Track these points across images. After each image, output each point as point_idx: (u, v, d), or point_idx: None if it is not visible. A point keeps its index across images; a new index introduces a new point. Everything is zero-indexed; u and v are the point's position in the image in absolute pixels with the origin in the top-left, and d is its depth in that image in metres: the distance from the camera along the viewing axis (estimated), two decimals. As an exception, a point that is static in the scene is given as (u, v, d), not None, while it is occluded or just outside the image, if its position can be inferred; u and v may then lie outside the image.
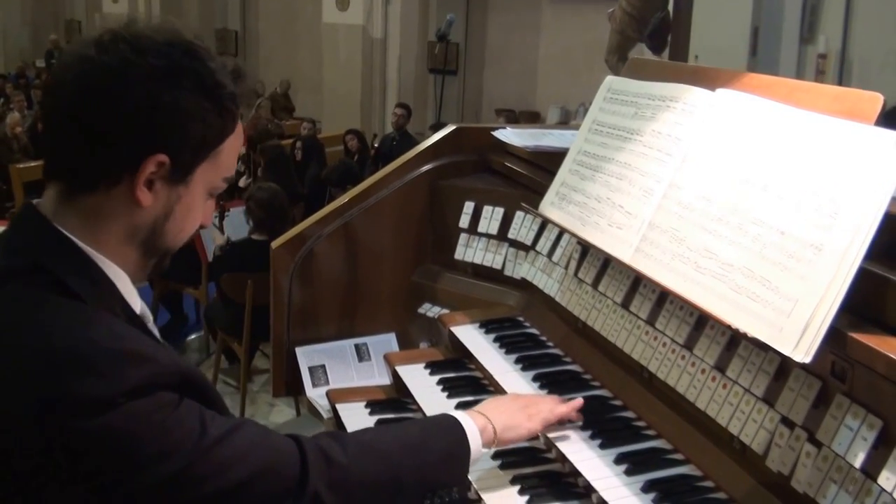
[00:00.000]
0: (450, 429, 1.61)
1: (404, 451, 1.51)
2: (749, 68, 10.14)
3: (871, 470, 1.31)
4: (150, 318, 1.48)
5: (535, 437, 1.77)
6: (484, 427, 1.64)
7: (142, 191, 1.31)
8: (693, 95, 1.84)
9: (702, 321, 1.69)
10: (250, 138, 11.71)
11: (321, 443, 1.42)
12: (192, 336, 6.86)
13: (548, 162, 2.38)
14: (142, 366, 1.23)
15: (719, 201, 1.64)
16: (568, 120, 13.23)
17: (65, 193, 1.33)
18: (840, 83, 9.86)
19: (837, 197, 1.41)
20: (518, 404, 1.75)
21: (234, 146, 1.41)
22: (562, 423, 1.78)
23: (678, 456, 1.70)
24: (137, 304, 1.42)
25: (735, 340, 1.60)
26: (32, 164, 10.22)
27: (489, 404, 1.73)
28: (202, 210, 1.43)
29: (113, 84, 1.28)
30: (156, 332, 1.49)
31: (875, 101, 1.42)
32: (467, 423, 1.62)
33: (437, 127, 10.85)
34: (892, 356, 1.26)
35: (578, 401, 1.80)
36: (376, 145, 11.33)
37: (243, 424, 1.37)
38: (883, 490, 1.27)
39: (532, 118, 14.63)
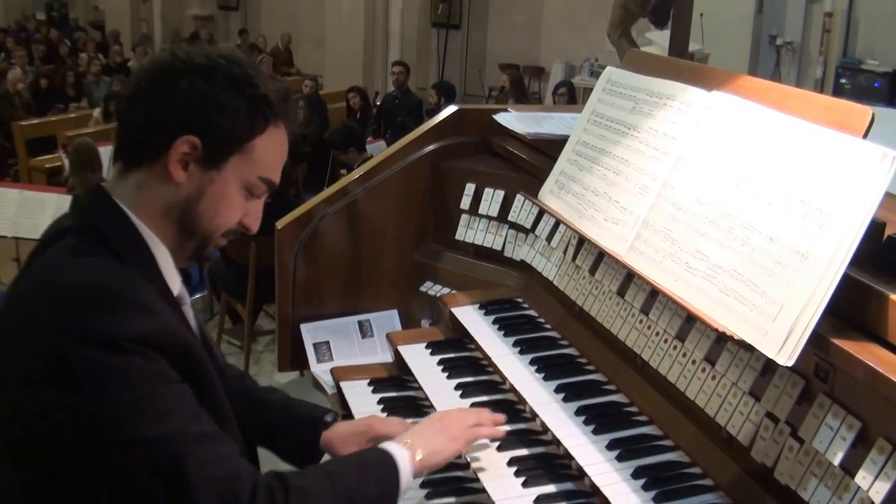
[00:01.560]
0: (384, 469, 1.64)
1: (342, 498, 1.56)
2: (755, 26, 10.09)
3: (849, 467, 1.38)
4: (187, 300, 1.63)
5: (459, 457, 1.80)
6: (412, 459, 1.67)
7: (175, 167, 1.48)
8: (689, 95, 1.88)
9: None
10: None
11: (271, 483, 1.48)
12: (197, 296, 6.93)
13: (549, 147, 2.42)
14: (150, 318, 1.39)
15: (711, 204, 1.70)
16: (573, 75, 13.17)
17: (121, 170, 1.54)
18: (846, 42, 9.82)
19: (824, 207, 1.46)
20: (439, 427, 1.77)
21: (270, 149, 1.54)
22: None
23: (668, 442, 1.77)
24: (176, 284, 1.57)
25: (724, 335, 1.66)
26: (35, 120, 10.24)
27: (414, 432, 1.76)
28: (239, 204, 1.55)
29: (161, 74, 1.50)
30: (190, 316, 1.63)
31: (864, 115, 1.46)
32: (401, 458, 1.66)
33: (439, 86, 10.87)
34: (870, 364, 1.32)
35: (500, 417, 1.87)
36: (378, 103, 11.29)
37: (225, 437, 1.48)
38: (860, 487, 1.34)
39: (536, 74, 14.55)
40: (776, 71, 9.90)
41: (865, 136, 1.46)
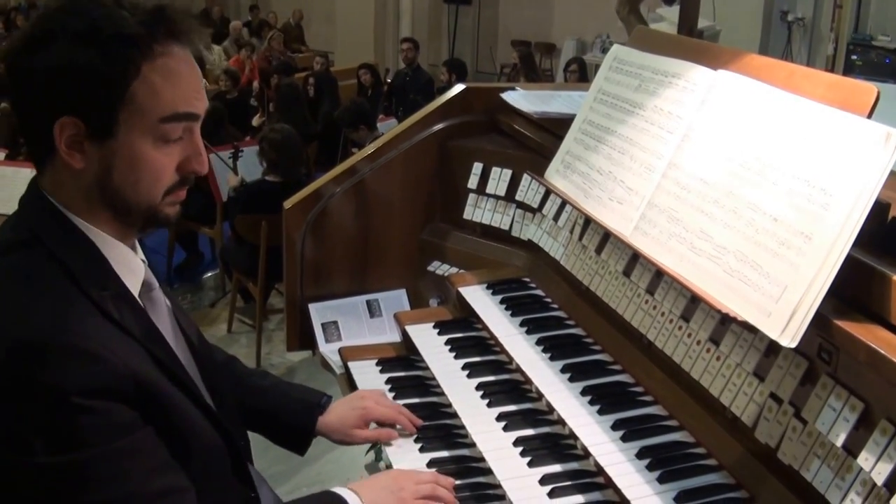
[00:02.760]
0: None
1: None
2: (766, 3, 9.96)
3: (852, 448, 1.38)
4: (155, 285, 1.53)
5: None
6: None
7: (68, 154, 1.36)
8: (695, 74, 1.86)
9: (698, 295, 1.75)
10: (263, 72, 11.69)
11: None
12: (208, 274, 6.98)
13: (555, 126, 2.41)
14: (97, 367, 1.28)
15: (716, 184, 1.69)
16: (584, 52, 13.08)
17: (37, 168, 1.44)
18: (857, 19, 9.69)
19: (829, 188, 1.45)
20: (392, 486, 1.70)
21: (160, 84, 1.36)
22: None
23: (672, 422, 1.78)
24: (138, 274, 1.47)
25: (728, 316, 1.66)
26: (46, 98, 10.24)
27: (366, 485, 1.70)
28: (160, 157, 1.40)
29: (12, 62, 1.37)
30: (160, 302, 1.54)
31: (869, 94, 1.45)
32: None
33: (450, 63, 10.82)
34: (872, 345, 1.32)
35: (450, 481, 1.78)
36: (389, 80, 11.26)
37: (186, 488, 1.40)
38: (862, 469, 1.35)
39: (547, 50, 14.47)
40: (787, 47, 9.81)
41: (870, 114, 1.45)
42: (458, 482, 1.82)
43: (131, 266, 1.47)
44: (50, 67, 1.32)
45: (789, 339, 1.44)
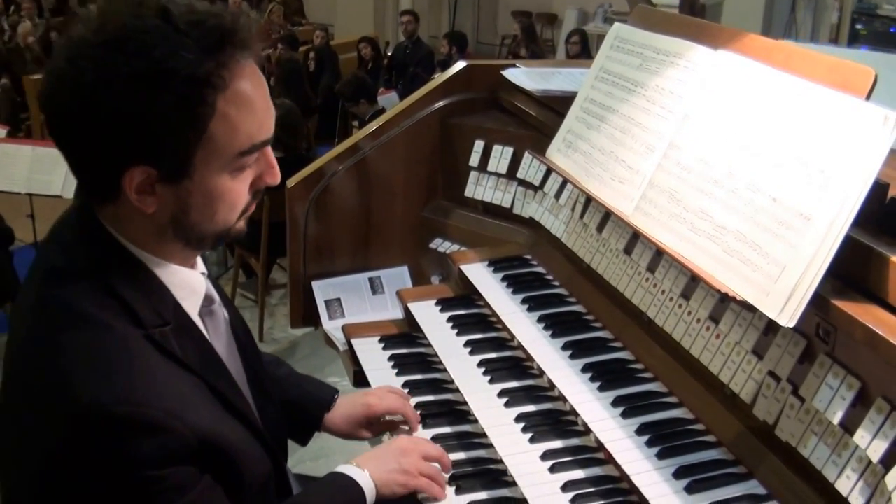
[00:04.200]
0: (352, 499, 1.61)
1: None
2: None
3: (848, 426, 1.40)
4: (215, 299, 1.50)
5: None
6: (370, 486, 1.64)
7: (140, 200, 1.29)
8: (696, 54, 1.87)
9: (698, 273, 1.77)
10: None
11: None
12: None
13: (557, 104, 2.42)
14: (155, 436, 1.25)
15: (716, 164, 1.70)
16: (586, 22, 13.00)
17: (91, 201, 1.36)
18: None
19: (827, 168, 1.47)
20: (400, 457, 1.69)
21: (235, 118, 1.28)
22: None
23: (672, 399, 1.80)
24: (197, 297, 1.43)
25: (727, 296, 1.67)
26: (46, 74, 10.21)
27: (373, 456, 1.70)
28: (236, 188, 1.34)
29: (60, 108, 1.26)
30: (220, 319, 1.52)
31: (867, 76, 1.46)
32: (365, 485, 1.63)
33: (451, 35, 10.76)
34: (870, 325, 1.34)
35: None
36: (389, 53, 11.21)
37: None
38: (858, 446, 1.37)
39: (549, 21, 14.37)
40: (791, 16, 9.73)
41: (869, 96, 1.46)
42: (461, 457, 1.85)
43: (194, 287, 1.44)
44: (115, 114, 1.22)
45: (787, 318, 1.45)
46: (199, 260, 1.50)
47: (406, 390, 2.07)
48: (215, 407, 1.38)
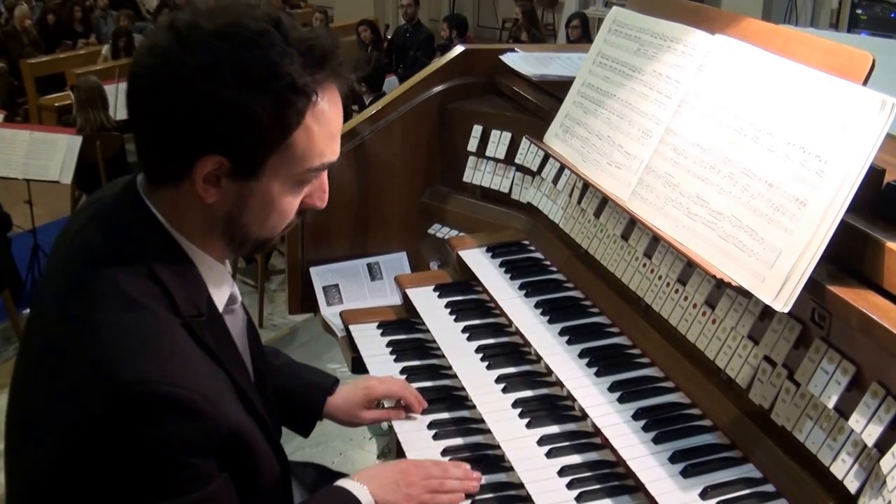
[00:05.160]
0: None
1: None
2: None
3: (843, 410, 1.41)
4: (237, 299, 1.52)
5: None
6: (368, 501, 1.62)
7: (204, 189, 1.30)
8: (693, 38, 1.86)
9: (695, 259, 1.77)
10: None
11: None
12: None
13: (555, 88, 2.41)
14: (192, 420, 1.26)
15: (712, 150, 1.70)
16: (587, 6, 12.94)
17: (148, 182, 1.37)
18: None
19: (823, 154, 1.47)
20: (402, 481, 1.67)
21: (316, 134, 1.32)
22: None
23: (668, 384, 1.81)
24: (224, 294, 1.45)
25: (723, 281, 1.68)
26: (43, 58, 10.19)
27: (376, 476, 1.68)
28: (291, 201, 1.37)
29: (156, 85, 1.27)
30: (239, 317, 1.54)
31: (865, 61, 1.45)
32: (365, 502, 1.62)
33: (451, 19, 10.70)
34: (865, 311, 1.34)
35: (466, 469, 1.74)
36: (389, 37, 11.16)
37: None
38: (853, 430, 1.38)
39: (550, 4, 14.30)
40: (791, 1, 9.70)
41: (866, 81, 1.45)
42: (459, 442, 1.86)
43: (223, 283, 1.45)
44: (210, 100, 1.24)
45: (783, 303, 1.46)
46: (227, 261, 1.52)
47: (404, 376, 2.07)
48: (238, 403, 1.39)
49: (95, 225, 1.39)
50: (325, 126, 1.33)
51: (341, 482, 1.66)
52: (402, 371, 2.09)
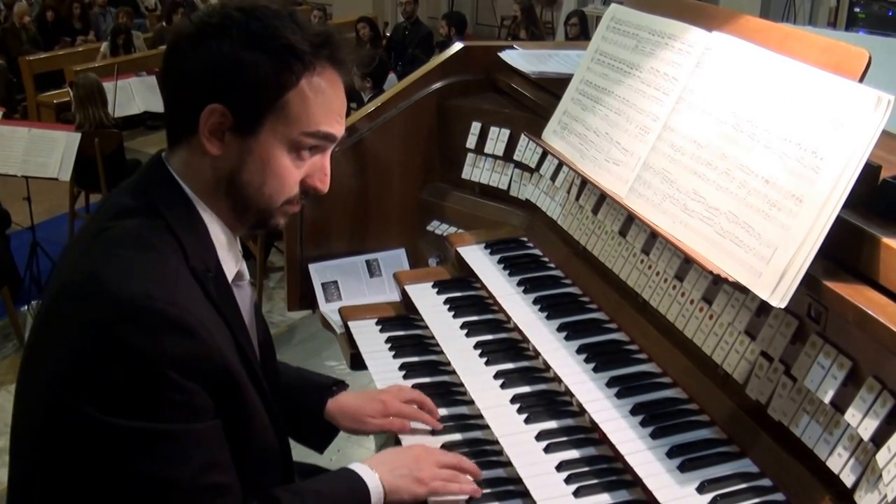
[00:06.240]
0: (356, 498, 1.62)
1: None
2: None
3: (840, 405, 1.42)
4: (245, 276, 1.60)
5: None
6: (378, 490, 1.64)
7: (208, 139, 1.42)
8: (691, 35, 1.87)
9: (692, 255, 1.78)
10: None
11: None
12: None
13: (553, 86, 2.42)
14: (190, 341, 1.32)
15: (709, 146, 1.71)
16: (585, 4, 12.94)
17: (171, 143, 1.49)
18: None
19: (820, 150, 1.47)
20: (413, 466, 1.68)
21: (311, 100, 1.42)
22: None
23: (666, 379, 1.81)
24: (234, 263, 1.53)
25: (720, 277, 1.68)
26: (42, 55, 10.18)
27: (386, 461, 1.69)
28: (290, 167, 1.44)
29: (176, 44, 1.44)
30: (246, 294, 1.59)
31: (861, 57, 1.46)
32: (373, 487, 1.63)
33: (449, 16, 10.70)
34: (861, 306, 1.35)
35: (474, 467, 1.74)
36: (388, 34, 11.16)
37: (231, 489, 1.41)
38: (849, 424, 1.39)
39: (549, 2, 14.29)
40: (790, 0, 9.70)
41: (862, 78, 1.46)
42: (457, 438, 1.87)
43: (234, 253, 1.53)
44: (217, 57, 1.38)
45: (779, 299, 1.47)
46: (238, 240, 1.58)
47: (403, 372, 2.08)
48: (237, 359, 1.44)
49: (123, 189, 1.52)
50: (321, 98, 1.43)
51: (352, 465, 1.67)
52: (401, 367, 2.10)
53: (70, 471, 1.34)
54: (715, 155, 1.68)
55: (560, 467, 1.67)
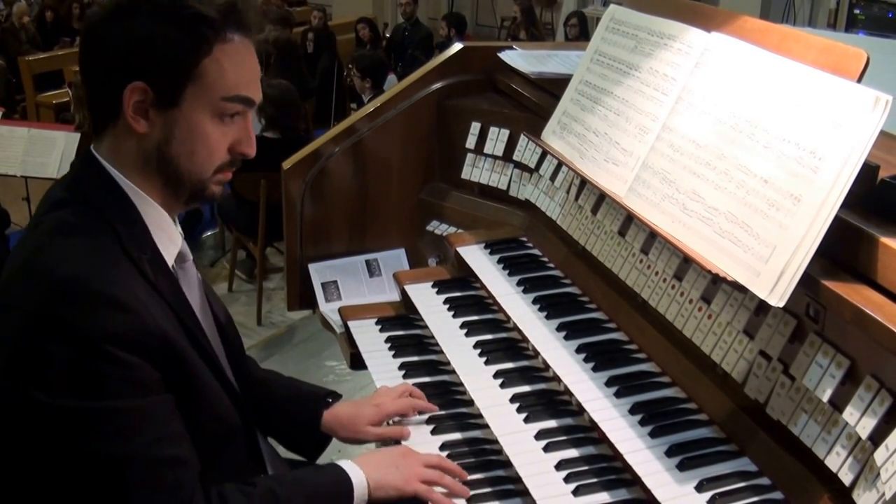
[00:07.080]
0: (339, 495, 1.63)
1: None
2: None
3: (838, 403, 1.42)
4: (188, 257, 1.62)
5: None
6: (362, 484, 1.65)
7: (133, 118, 1.45)
8: (689, 36, 1.88)
9: (691, 254, 1.78)
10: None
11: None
12: (208, 233, 6.97)
13: (552, 86, 2.43)
14: (126, 315, 1.35)
15: (708, 146, 1.71)
16: (585, 5, 12.95)
17: (97, 130, 1.52)
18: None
19: (818, 150, 1.48)
20: (400, 464, 1.70)
21: (226, 66, 1.46)
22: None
23: (665, 379, 1.82)
24: (174, 245, 1.56)
25: (718, 276, 1.69)
26: (41, 55, 10.18)
27: (372, 459, 1.71)
28: (216, 134, 1.49)
29: (89, 29, 1.48)
30: (191, 275, 1.61)
31: (859, 58, 1.47)
32: (356, 481, 1.64)
33: (449, 17, 10.70)
34: (859, 305, 1.35)
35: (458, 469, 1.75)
36: (388, 35, 11.16)
37: (186, 462, 1.43)
38: (848, 423, 1.39)
39: (549, 3, 14.29)
40: (789, 1, 9.71)
41: (860, 78, 1.47)
42: (457, 437, 1.87)
43: (171, 235, 1.55)
44: (131, 36, 1.42)
45: (777, 298, 1.47)
46: (176, 221, 1.60)
47: (402, 371, 2.09)
48: (181, 335, 1.47)
49: (57, 185, 1.57)
50: (236, 62, 1.47)
51: (338, 461, 1.68)
52: (401, 367, 2.11)
53: (24, 455, 1.37)
54: (714, 155, 1.69)
55: (559, 466, 1.68)
